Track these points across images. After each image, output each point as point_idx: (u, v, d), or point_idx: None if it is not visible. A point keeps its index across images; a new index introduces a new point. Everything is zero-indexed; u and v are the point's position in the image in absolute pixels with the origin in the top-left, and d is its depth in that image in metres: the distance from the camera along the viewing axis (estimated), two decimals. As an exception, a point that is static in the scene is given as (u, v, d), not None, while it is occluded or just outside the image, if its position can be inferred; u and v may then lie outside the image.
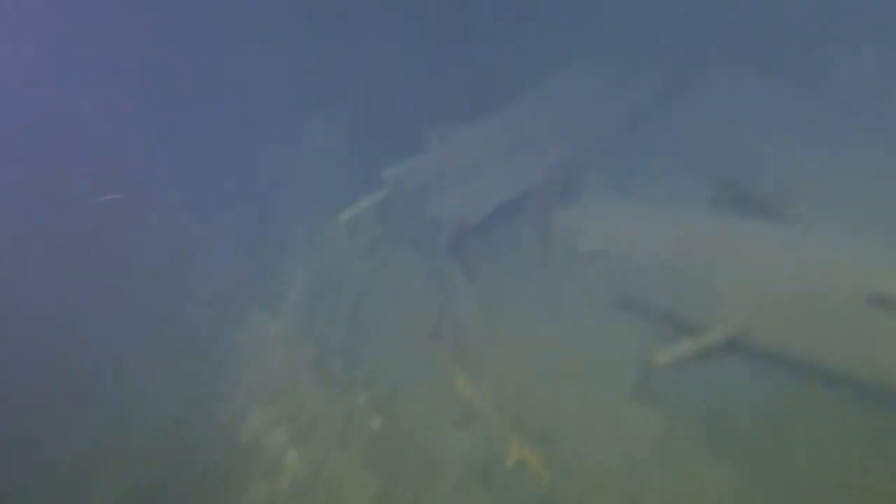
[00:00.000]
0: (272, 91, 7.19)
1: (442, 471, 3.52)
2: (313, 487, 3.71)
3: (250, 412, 4.35)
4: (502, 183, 5.23)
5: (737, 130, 4.80)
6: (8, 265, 5.45)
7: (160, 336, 5.03)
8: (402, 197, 5.33)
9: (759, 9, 5.57)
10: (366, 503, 3.49)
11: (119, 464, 4.04)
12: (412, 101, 6.42)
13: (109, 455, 4.11)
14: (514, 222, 5.23)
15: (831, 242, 3.26)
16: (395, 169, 5.36)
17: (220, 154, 6.80)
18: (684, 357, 3.23)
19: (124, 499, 3.85)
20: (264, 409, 4.34)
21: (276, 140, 7.04)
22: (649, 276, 3.77)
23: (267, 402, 4.39)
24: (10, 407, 4.41)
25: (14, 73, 6.99)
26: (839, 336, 3.00)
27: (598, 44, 5.99)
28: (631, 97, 5.33)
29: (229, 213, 6.24)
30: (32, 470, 4.02)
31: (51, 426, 4.32)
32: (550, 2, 6.78)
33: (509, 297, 4.62)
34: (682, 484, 3.04)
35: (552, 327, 4.18)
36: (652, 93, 5.38)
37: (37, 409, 4.43)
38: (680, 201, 4.33)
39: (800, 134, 4.58)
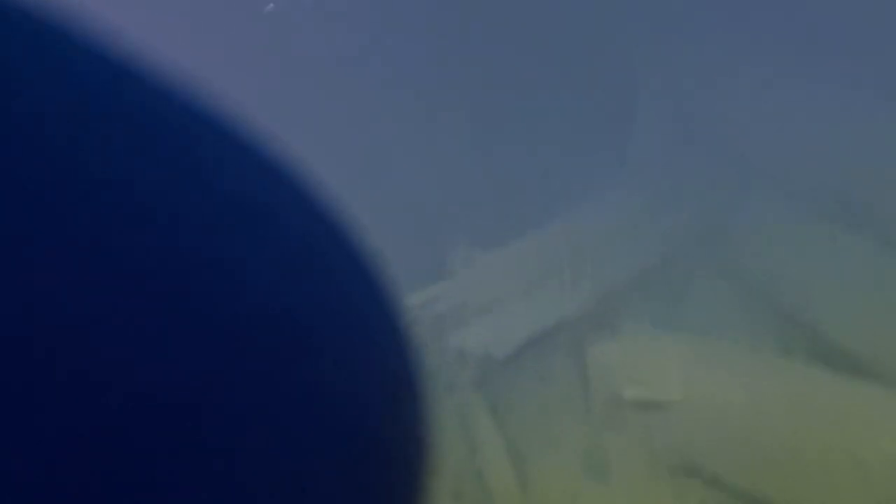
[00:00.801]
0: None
1: None
2: None
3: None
4: (532, 313, 4.76)
5: (792, 258, 4.32)
6: None
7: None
8: (423, 326, 4.87)
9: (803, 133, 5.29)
10: None
11: None
12: (435, 220, 6.14)
13: None
14: (545, 357, 4.69)
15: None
16: (415, 296, 4.94)
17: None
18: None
19: None
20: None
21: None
22: (715, 439, 3.16)
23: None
24: None
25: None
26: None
27: (633, 164, 5.72)
28: (671, 224, 4.93)
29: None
30: None
31: None
32: (582, 116, 6.65)
33: (544, 448, 4.00)
34: None
35: (596, 491, 3.52)
36: (691, 221, 4.97)
37: None
38: (740, 341, 3.79)
39: (860, 275, 4.06)
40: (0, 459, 0.19)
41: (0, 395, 0.20)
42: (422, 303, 4.88)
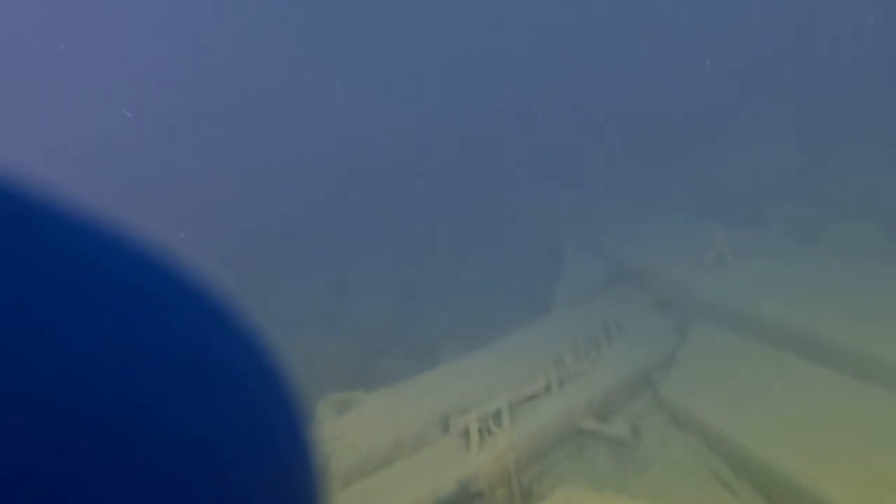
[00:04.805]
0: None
1: None
2: None
3: None
4: (426, 476, 3.54)
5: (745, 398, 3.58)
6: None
7: None
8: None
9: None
10: None
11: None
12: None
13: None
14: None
15: None
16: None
17: None
18: None
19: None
20: None
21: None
22: None
23: None
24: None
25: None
26: None
27: (560, 307, 5.10)
28: (606, 371, 4.11)
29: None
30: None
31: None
32: (510, 271, 6.52)
33: None
34: None
35: None
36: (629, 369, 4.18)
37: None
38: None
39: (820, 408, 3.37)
40: None
41: None
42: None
